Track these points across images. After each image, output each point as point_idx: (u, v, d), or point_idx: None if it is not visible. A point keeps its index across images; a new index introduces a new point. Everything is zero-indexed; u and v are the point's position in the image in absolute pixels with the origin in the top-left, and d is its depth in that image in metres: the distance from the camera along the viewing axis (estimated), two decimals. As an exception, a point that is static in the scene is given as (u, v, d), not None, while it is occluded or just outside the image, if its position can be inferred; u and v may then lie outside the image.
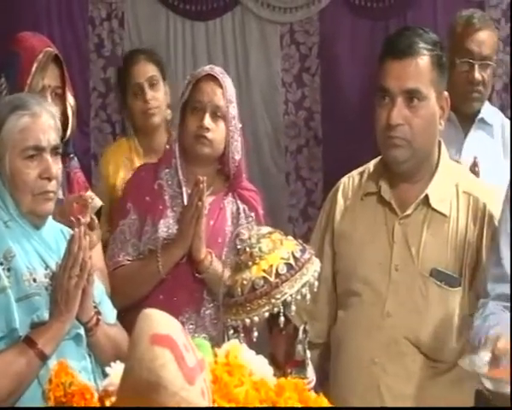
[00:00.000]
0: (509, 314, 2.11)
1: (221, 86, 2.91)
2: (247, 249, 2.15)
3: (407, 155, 2.49)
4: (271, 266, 2.13)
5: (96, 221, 2.80)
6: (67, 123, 2.79)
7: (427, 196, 2.53)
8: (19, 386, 2.14)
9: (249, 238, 2.16)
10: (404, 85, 2.46)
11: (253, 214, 3.01)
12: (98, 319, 2.35)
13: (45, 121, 2.31)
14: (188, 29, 4.61)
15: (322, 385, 2.55)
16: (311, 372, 2.22)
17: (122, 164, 3.63)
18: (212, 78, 2.92)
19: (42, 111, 2.32)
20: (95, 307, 2.37)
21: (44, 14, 4.52)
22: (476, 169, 3.10)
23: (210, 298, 2.86)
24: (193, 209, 2.77)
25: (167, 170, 2.97)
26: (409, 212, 2.54)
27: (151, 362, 1.13)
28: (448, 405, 2.50)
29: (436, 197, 2.53)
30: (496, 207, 2.46)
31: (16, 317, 2.17)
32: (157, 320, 1.18)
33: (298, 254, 2.14)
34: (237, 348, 1.39)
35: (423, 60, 2.48)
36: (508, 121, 3.69)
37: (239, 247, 2.16)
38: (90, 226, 2.59)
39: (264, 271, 2.12)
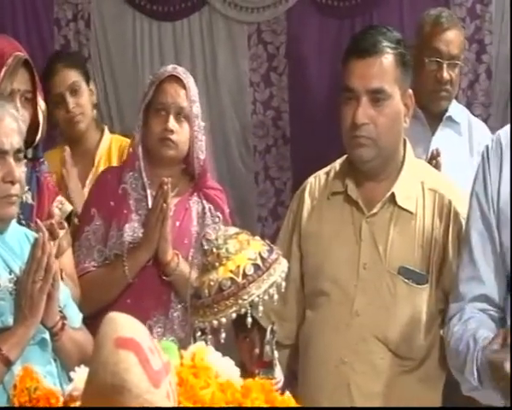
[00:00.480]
0: (485, 316, 2.10)
1: (184, 87, 2.90)
2: (214, 250, 2.15)
3: (373, 154, 2.50)
4: (238, 266, 2.13)
5: (66, 226, 2.78)
6: (38, 127, 2.77)
7: (393, 195, 2.54)
8: None
9: (216, 239, 2.16)
10: (369, 85, 2.47)
11: (219, 214, 3.00)
12: (63, 324, 2.34)
13: (8, 124, 2.30)
14: (155, 29, 4.59)
15: (291, 385, 2.56)
16: (278, 373, 2.23)
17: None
18: (175, 78, 2.92)
19: (4, 114, 2.32)
20: (60, 311, 2.36)
21: (9, 15, 4.49)
22: (438, 159, 3.11)
23: (178, 300, 2.86)
24: (158, 212, 2.76)
25: (131, 173, 2.96)
26: (375, 210, 2.55)
27: (115, 365, 1.12)
28: (417, 402, 2.51)
29: (402, 195, 2.54)
30: (461, 204, 2.48)
31: (-21, 326, 2.16)
32: (121, 324, 1.17)
33: (265, 255, 2.15)
34: (203, 351, 1.40)
35: (387, 59, 2.49)
36: (475, 119, 3.71)
37: (206, 248, 2.16)
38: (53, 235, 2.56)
39: (231, 272, 2.11)
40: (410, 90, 2.56)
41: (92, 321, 2.54)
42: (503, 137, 2.10)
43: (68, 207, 2.85)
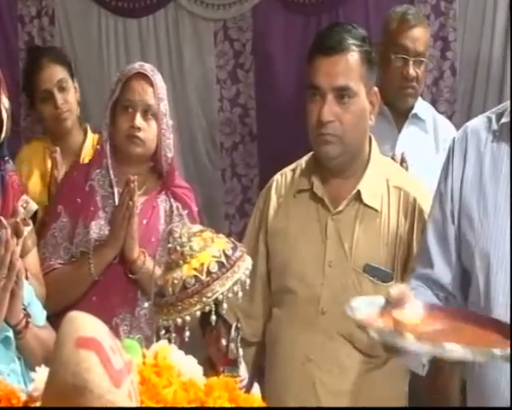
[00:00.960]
0: (430, 292, 2.10)
1: (152, 84, 2.89)
2: (178, 248, 2.15)
3: (338, 151, 2.51)
4: (202, 264, 2.13)
5: (32, 225, 2.77)
6: (2, 126, 2.75)
7: (358, 192, 2.55)
8: None
9: (180, 237, 2.16)
10: (335, 82, 2.47)
11: (186, 212, 2.99)
12: (27, 322, 2.34)
13: None
14: (120, 26, 4.57)
15: (259, 382, 2.57)
16: (243, 371, 2.24)
17: (36, 167, 3.57)
18: (142, 76, 2.91)
19: None
20: (24, 309, 2.35)
21: (-30, 12, 4.48)
22: (404, 165, 3.13)
23: (144, 298, 2.85)
24: (124, 209, 2.76)
25: (98, 170, 2.95)
26: (341, 208, 2.56)
27: (76, 366, 1.12)
28: (382, 399, 2.53)
29: (368, 193, 2.55)
30: (426, 201, 2.49)
31: None
32: (82, 323, 1.17)
33: (229, 252, 2.15)
34: (166, 349, 1.40)
35: (353, 56, 2.50)
36: (440, 116, 3.74)
37: (170, 246, 2.16)
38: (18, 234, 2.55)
39: (195, 269, 2.12)
40: (376, 88, 2.57)
41: (57, 319, 2.53)
42: (470, 127, 2.11)
43: (33, 207, 2.83)
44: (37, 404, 1.27)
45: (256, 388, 2.36)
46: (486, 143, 2.05)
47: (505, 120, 2.02)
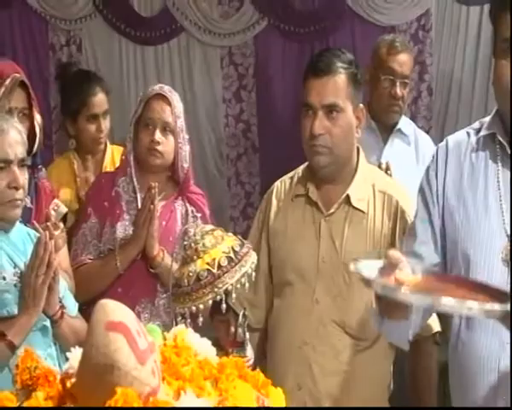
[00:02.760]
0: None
1: (170, 104, 2.87)
2: (193, 245, 2.16)
3: (328, 161, 2.50)
4: (214, 259, 2.14)
5: (62, 226, 2.78)
6: (35, 138, 2.76)
7: (348, 196, 2.54)
8: None
9: (194, 235, 2.18)
10: (324, 100, 2.47)
11: (200, 215, 2.98)
12: (62, 312, 2.33)
13: (12, 137, 2.28)
14: (138, 53, 4.60)
15: (261, 363, 2.58)
16: (249, 352, 2.24)
17: (66, 177, 3.53)
18: (161, 96, 2.88)
19: (9, 128, 2.29)
20: (59, 301, 2.35)
21: (8, 40, 4.47)
22: (388, 172, 3.13)
23: (163, 290, 2.84)
24: (146, 212, 2.76)
25: (123, 178, 2.93)
26: (332, 210, 2.55)
27: (106, 347, 1.13)
28: (370, 377, 2.52)
29: (356, 197, 2.54)
30: (407, 203, 2.49)
31: (-14, 312, 2.14)
32: (111, 309, 1.18)
33: (237, 249, 2.16)
34: (184, 332, 1.40)
35: (340, 77, 2.49)
36: (420, 131, 3.74)
37: (185, 243, 2.17)
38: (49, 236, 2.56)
39: (207, 264, 2.13)
40: (362, 105, 2.56)
41: (87, 309, 2.54)
42: (450, 141, 2.09)
43: (63, 209, 2.82)
44: (72, 380, 1.28)
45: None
46: (466, 154, 2.02)
47: (483, 133, 2.02)
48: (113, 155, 3.57)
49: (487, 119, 2.05)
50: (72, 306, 2.46)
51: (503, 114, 1.95)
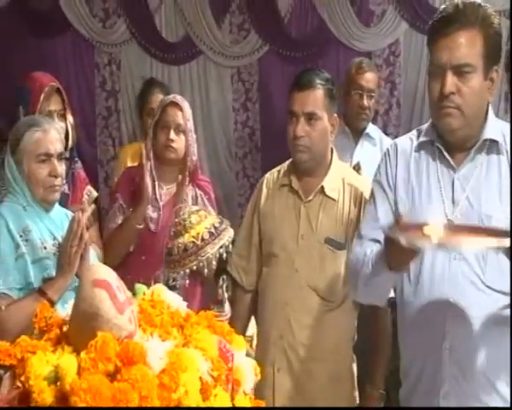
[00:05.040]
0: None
1: (181, 110, 2.87)
2: (182, 222, 2.18)
3: (307, 158, 2.50)
4: (198, 233, 2.16)
5: (94, 207, 2.78)
6: (68, 136, 2.76)
7: (322, 187, 2.53)
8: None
9: (183, 214, 2.18)
10: (305, 109, 2.46)
11: (207, 197, 2.96)
12: None
13: (53, 135, 2.28)
14: (165, 71, 4.59)
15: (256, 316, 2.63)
16: (227, 308, 2.25)
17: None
18: (174, 103, 2.88)
19: (50, 128, 2.29)
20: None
21: (62, 60, 4.49)
22: (359, 171, 3.11)
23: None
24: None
25: None
26: (310, 198, 2.54)
27: (92, 299, 1.13)
28: (337, 330, 2.52)
29: (329, 187, 2.53)
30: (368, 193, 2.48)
31: (32, 274, 2.15)
32: (97, 270, 1.19)
33: (217, 225, 2.18)
34: (160, 290, 1.39)
35: (319, 91, 2.48)
36: (384, 136, 3.72)
37: (176, 220, 2.18)
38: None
39: (193, 237, 2.15)
40: (335, 114, 2.55)
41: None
42: (398, 144, 2.08)
43: (95, 194, 2.83)
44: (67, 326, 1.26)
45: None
46: (411, 155, 2.01)
47: (422, 139, 2.01)
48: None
49: (424, 126, 2.03)
50: None
51: (435, 123, 1.94)
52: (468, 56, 1.80)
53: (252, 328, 2.83)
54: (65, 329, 1.22)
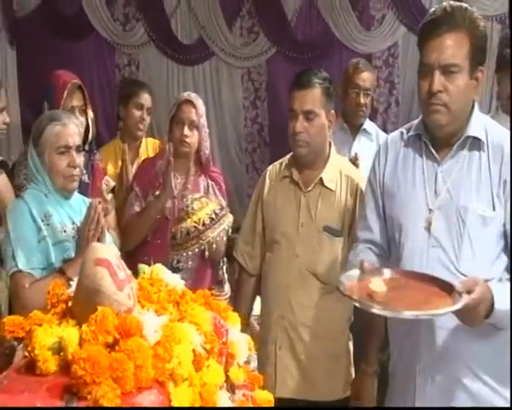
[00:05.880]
0: (370, 252, 2.04)
1: (195, 107, 2.84)
2: (185, 208, 2.17)
3: (306, 152, 2.48)
4: (200, 219, 2.16)
5: (111, 196, 2.78)
6: (89, 130, 2.77)
7: (321, 179, 2.51)
8: None
9: (186, 201, 2.18)
10: (304, 107, 2.44)
11: (218, 187, 2.93)
12: None
13: (72, 129, 2.27)
14: (180, 71, 4.61)
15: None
16: (227, 288, 2.24)
17: (111, 159, 3.44)
18: (189, 101, 2.85)
19: (69, 122, 2.28)
20: None
21: (86, 61, 4.52)
22: (357, 162, 3.09)
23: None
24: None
25: (161, 161, 2.92)
26: (310, 189, 2.52)
27: (94, 276, 1.13)
28: (334, 312, 2.49)
29: (327, 179, 2.51)
30: (364, 185, 2.46)
31: (53, 255, 2.16)
32: (99, 249, 1.18)
33: (218, 211, 2.17)
34: (159, 269, 1.39)
35: (316, 90, 2.45)
36: (380, 131, 3.68)
37: (180, 207, 2.18)
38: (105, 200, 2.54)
39: (195, 222, 2.14)
40: (333, 111, 2.52)
41: (130, 255, 2.53)
42: (389, 139, 2.07)
43: (112, 184, 2.83)
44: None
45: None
46: (400, 149, 1.99)
47: (411, 133, 2.00)
48: (147, 146, 3.54)
49: (415, 121, 2.02)
50: None
51: (424, 119, 1.92)
52: (455, 57, 1.78)
53: (258, 308, 2.83)
54: (70, 304, 1.22)
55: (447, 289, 1.62)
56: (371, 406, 2.45)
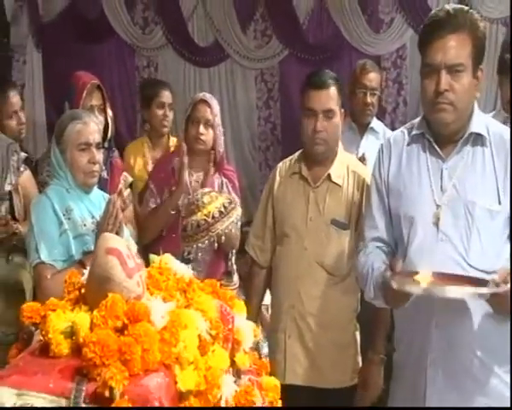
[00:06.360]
0: (380, 251, 2.01)
1: (210, 106, 2.84)
2: (195, 202, 2.17)
3: (324, 149, 2.48)
4: (209, 212, 2.15)
5: (129, 190, 2.79)
6: (108, 127, 2.78)
7: (329, 174, 2.50)
8: None
9: (197, 195, 2.18)
10: (324, 106, 2.43)
11: (231, 185, 2.92)
12: None
13: (92, 127, 2.28)
14: (197, 73, 4.61)
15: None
16: (235, 279, 2.24)
17: (139, 156, 3.43)
18: (204, 101, 2.85)
19: (90, 120, 2.29)
20: None
21: (107, 63, 4.53)
22: (364, 162, 3.08)
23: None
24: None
25: (177, 158, 2.93)
26: (318, 184, 2.51)
27: (105, 265, 1.14)
28: (341, 301, 2.49)
29: (335, 174, 2.50)
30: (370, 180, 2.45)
31: (73, 248, 2.17)
32: (110, 239, 1.19)
33: (226, 205, 2.17)
34: (168, 259, 1.39)
35: (333, 89, 2.45)
36: (387, 129, 3.66)
37: (191, 200, 2.18)
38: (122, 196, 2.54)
39: (205, 215, 2.14)
40: (342, 109, 2.51)
41: (147, 248, 2.53)
42: (392, 138, 2.06)
43: (130, 179, 2.84)
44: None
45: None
46: (403, 148, 1.98)
47: (414, 132, 1.98)
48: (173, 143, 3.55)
49: (416, 120, 2.01)
50: (132, 247, 2.46)
51: (428, 118, 1.91)
52: (460, 57, 1.78)
53: (267, 298, 2.83)
54: (83, 291, 1.23)
55: (482, 283, 1.64)
56: (377, 393, 2.44)
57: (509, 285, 1.58)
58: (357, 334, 2.57)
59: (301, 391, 2.46)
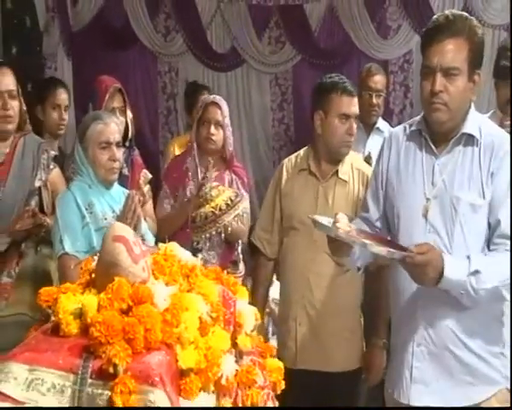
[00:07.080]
0: (366, 226, 2.02)
1: (220, 108, 2.83)
2: (204, 195, 2.16)
3: (348, 150, 2.50)
4: (217, 205, 2.15)
5: (149, 187, 2.80)
6: (128, 128, 2.79)
7: (337, 170, 2.49)
8: None
9: (205, 188, 2.18)
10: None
11: (241, 181, 2.89)
12: (143, 243, 2.34)
13: (113, 127, 2.29)
14: (215, 77, 4.62)
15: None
16: (241, 267, 2.23)
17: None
18: (214, 103, 2.85)
19: (111, 121, 2.30)
20: (141, 236, 2.37)
21: (131, 69, 4.56)
22: (370, 161, 3.05)
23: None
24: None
25: (189, 158, 2.91)
26: (326, 179, 2.50)
27: (112, 251, 1.15)
28: (348, 290, 2.47)
29: (342, 171, 2.50)
30: None
31: (95, 240, 2.17)
32: (117, 228, 1.19)
33: (233, 198, 2.17)
34: (173, 246, 1.39)
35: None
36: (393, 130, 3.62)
37: (199, 193, 2.17)
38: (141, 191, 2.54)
39: (212, 207, 2.14)
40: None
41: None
42: (394, 132, 2.05)
43: (149, 176, 2.85)
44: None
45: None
46: (402, 142, 1.97)
47: (413, 128, 1.97)
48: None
49: (417, 118, 2.00)
50: (150, 239, 2.45)
51: (426, 116, 1.90)
52: (455, 61, 1.78)
53: (275, 292, 2.80)
54: (93, 276, 1.24)
55: (402, 249, 1.69)
56: (380, 375, 2.43)
57: (419, 257, 1.62)
58: (362, 320, 2.55)
59: (311, 375, 2.45)
